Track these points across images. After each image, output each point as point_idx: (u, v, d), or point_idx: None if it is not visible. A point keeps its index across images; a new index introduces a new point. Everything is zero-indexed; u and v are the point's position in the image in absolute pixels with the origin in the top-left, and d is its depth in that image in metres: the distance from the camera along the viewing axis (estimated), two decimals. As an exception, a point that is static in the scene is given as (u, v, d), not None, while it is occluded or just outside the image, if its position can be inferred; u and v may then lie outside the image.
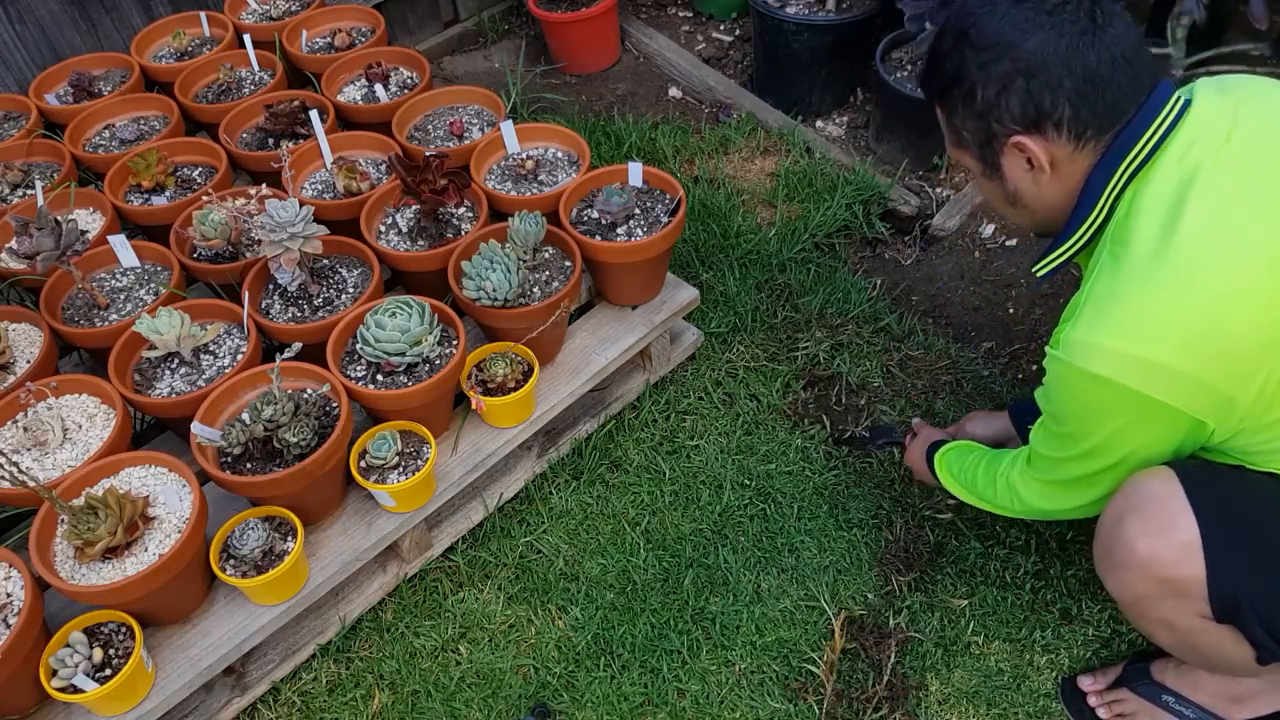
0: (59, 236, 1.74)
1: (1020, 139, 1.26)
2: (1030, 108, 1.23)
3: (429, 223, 1.97)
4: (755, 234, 2.42)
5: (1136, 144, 1.21)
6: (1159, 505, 1.24)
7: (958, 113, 1.31)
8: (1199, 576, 1.21)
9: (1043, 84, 1.21)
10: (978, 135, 1.31)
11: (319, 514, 1.70)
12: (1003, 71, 1.23)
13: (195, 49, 2.53)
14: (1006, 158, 1.30)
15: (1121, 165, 1.22)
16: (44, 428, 1.64)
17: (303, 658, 1.72)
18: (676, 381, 2.13)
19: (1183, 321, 1.14)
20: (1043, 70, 1.20)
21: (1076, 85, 1.20)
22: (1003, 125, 1.26)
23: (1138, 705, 1.54)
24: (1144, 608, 1.30)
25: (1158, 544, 1.23)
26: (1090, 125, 1.23)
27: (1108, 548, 1.31)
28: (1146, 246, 1.17)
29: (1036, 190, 1.32)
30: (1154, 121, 1.21)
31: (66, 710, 1.51)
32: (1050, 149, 1.26)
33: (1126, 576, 1.28)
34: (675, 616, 1.76)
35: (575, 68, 3.05)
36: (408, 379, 1.71)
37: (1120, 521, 1.28)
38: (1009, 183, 1.34)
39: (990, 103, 1.25)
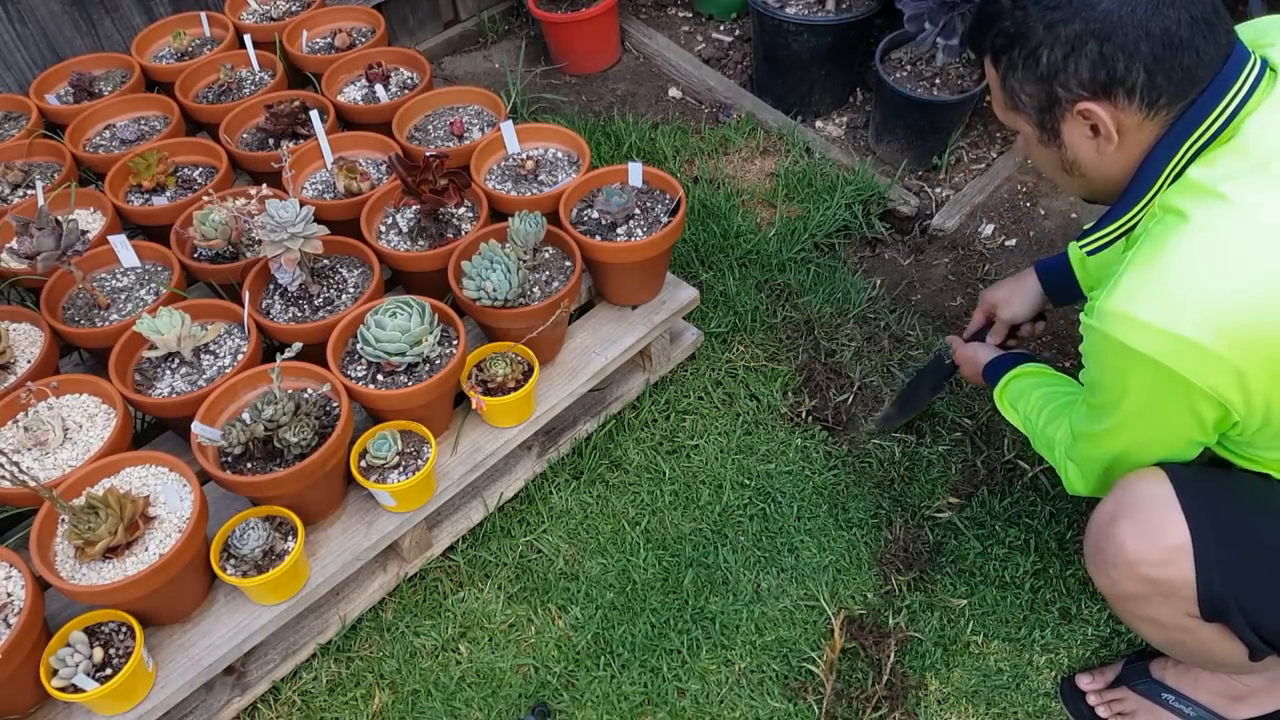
0: (59, 236, 1.75)
1: (1088, 105, 1.16)
2: (1102, 72, 1.13)
3: (429, 223, 1.97)
4: (755, 234, 2.42)
5: (1207, 118, 1.13)
6: (1150, 507, 1.24)
7: (1016, 74, 1.21)
8: (1187, 579, 1.21)
9: (1118, 46, 1.11)
10: (1038, 99, 1.21)
11: (319, 514, 1.70)
12: (1073, 33, 1.13)
13: (196, 49, 2.53)
14: (1068, 124, 1.21)
15: (1188, 141, 1.14)
16: (44, 427, 1.64)
17: (303, 657, 1.73)
18: (676, 381, 2.14)
19: (1233, 308, 1.08)
20: (1119, 32, 1.11)
21: (1154, 49, 1.11)
22: (1069, 90, 1.17)
23: (1137, 704, 1.54)
24: (1131, 605, 1.31)
25: (1146, 545, 1.23)
26: (1165, 93, 1.13)
27: (1098, 546, 1.31)
28: (1204, 219, 1.10)
29: (1098, 159, 1.23)
30: (1227, 93, 1.12)
31: (67, 710, 1.52)
32: (1119, 116, 1.16)
33: (1114, 575, 1.28)
34: (675, 616, 1.76)
35: (575, 68, 3.05)
36: (408, 379, 1.71)
37: (1112, 521, 1.27)
38: (1068, 150, 1.24)
39: (1057, 66, 1.16)
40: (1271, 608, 1.21)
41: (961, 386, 2.06)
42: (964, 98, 2.41)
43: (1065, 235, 2.36)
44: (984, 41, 1.24)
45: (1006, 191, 2.48)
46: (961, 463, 1.94)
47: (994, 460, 1.93)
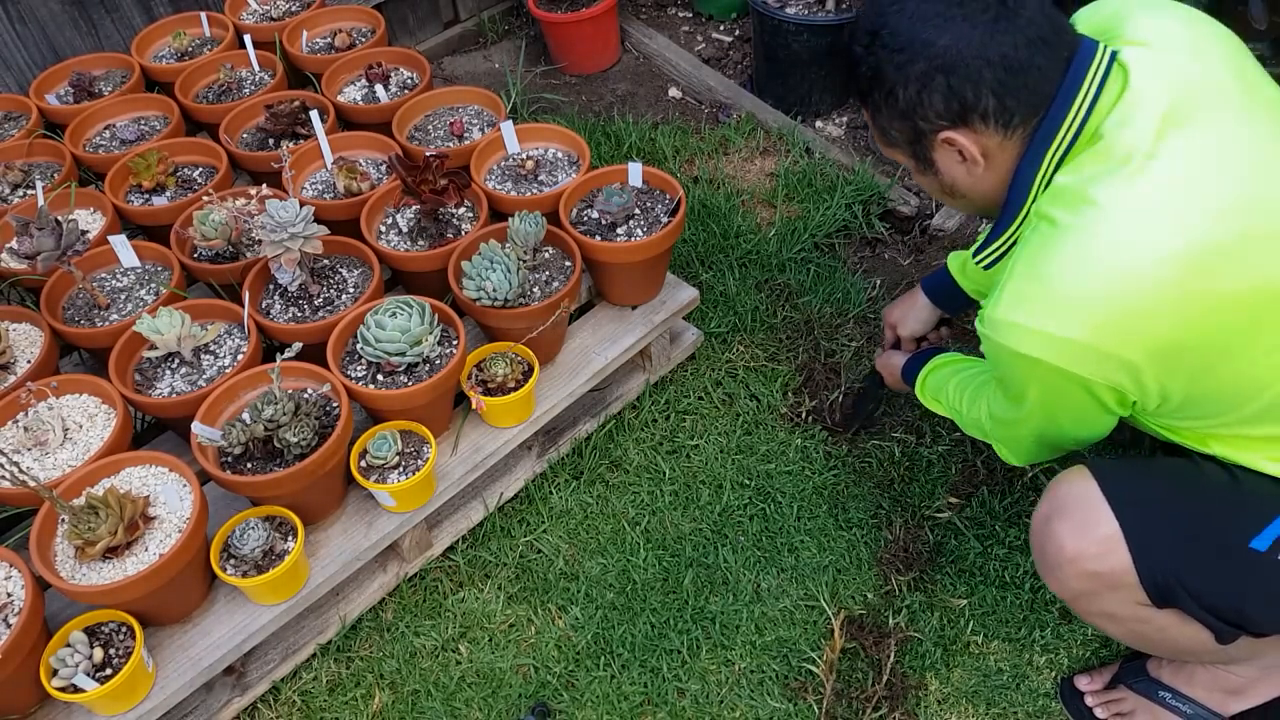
0: (59, 236, 1.75)
1: (949, 134, 1.25)
2: (954, 103, 1.21)
3: (429, 223, 1.97)
4: (755, 234, 2.42)
5: (1061, 127, 1.19)
6: (1080, 503, 1.27)
7: (882, 114, 1.30)
8: (1126, 566, 1.24)
9: (963, 78, 1.19)
10: (906, 134, 1.29)
11: (319, 514, 1.70)
12: (920, 71, 1.21)
13: (196, 49, 2.53)
14: (938, 152, 1.29)
15: (1049, 150, 1.21)
16: (44, 427, 1.64)
17: (303, 657, 1.73)
18: (676, 381, 2.14)
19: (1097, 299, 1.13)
20: (960, 65, 1.18)
21: (997, 75, 1.18)
22: (929, 123, 1.25)
23: (1135, 702, 1.55)
24: (1085, 603, 1.33)
25: (1082, 541, 1.26)
26: (1016, 113, 1.21)
27: (1041, 549, 1.34)
28: (1066, 217, 1.16)
29: (972, 180, 1.31)
30: (1075, 99, 1.18)
31: (67, 710, 1.52)
32: (980, 140, 1.24)
33: (1060, 575, 1.31)
34: (675, 616, 1.76)
35: (575, 68, 3.05)
36: (408, 379, 1.71)
37: (1048, 522, 1.31)
38: (944, 176, 1.33)
39: (913, 102, 1.24)
40: (1215, 584, 1.23)
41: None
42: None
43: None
44: (850, 87, 1.35)
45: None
46: (961, 463, 1.94)
47: (994, 460, 1.93)
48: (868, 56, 1.26)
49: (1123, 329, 1.13)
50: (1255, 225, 1.13)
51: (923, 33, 1.20)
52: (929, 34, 1.19)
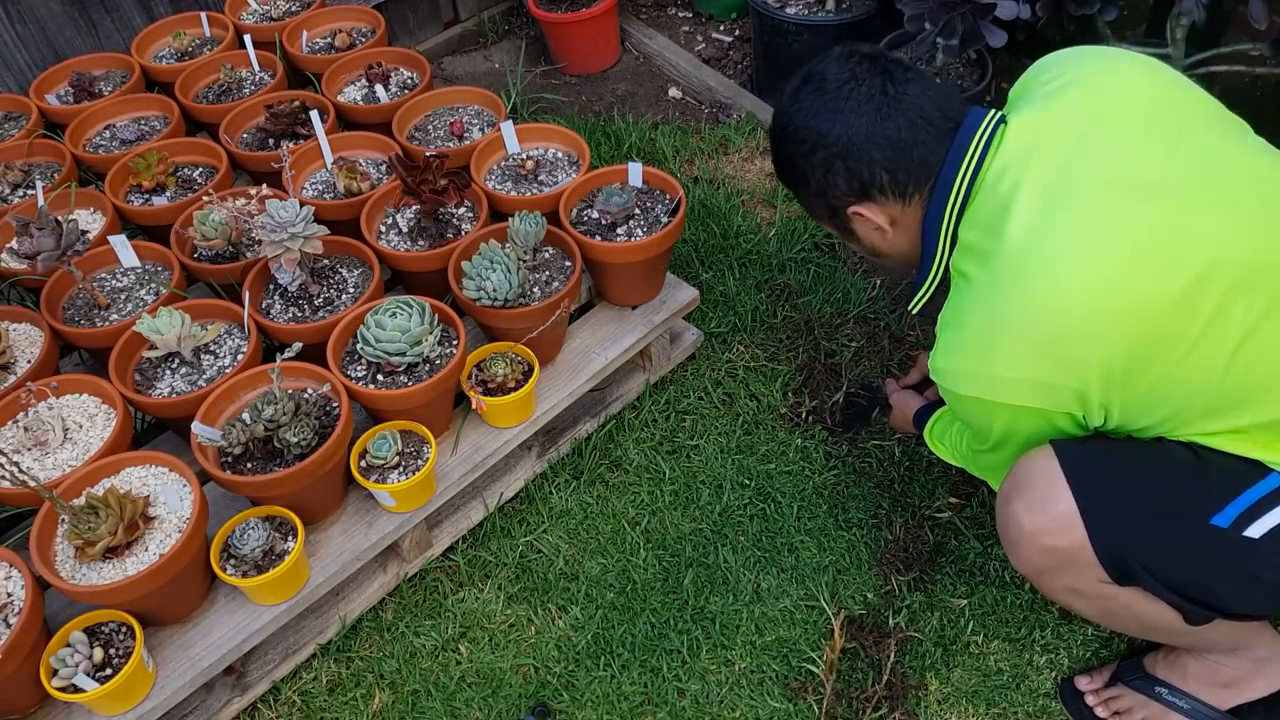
0: (59, 236, 1.75)
1: (856, 208, 1.40)
2: (855, 181, 1.36)
3: (429, 223, 1.97)
4: (755, 234, 2.42)
5: (951, 188, 1.32)
6: (1038, 480, 1.31)
7: (803, 196, 1.47)
8: (1081, 542, 1.28)
9: (857, 161, 1.34)
10: (824, 210, 1.45)
11: (319, 514, 1.70)
12: (821, 158, 1.36)
13: (195, 49, 2.53)
14: (854, 223, 1.44)
15: (946, 208, 1.33)
16: (44, 428, 1.64)
17: (303, 657, 1.73)
18: (676, 381, 2.14)
19: (1022, 338, 1.22)
20: (852, 150, 1.34)
21: (885, 155, 1.33)
22: (839, 200, 1.40)
23: (1133, 700, 1.55)
24: (1047, 580, 1.38)
25: (1039, 518, 1.31)
26: (909, 183, 1.35)
27: (1002, 527, 1.38)
28: (980, 272, 1.28)
29: (888, 243, 1.45)
30: (962, 162, 1.30)
31: (67, 710, 1.52)
32: (884, 210, 1.39)
33: (1020, 551, 1.36)
34: (675, 616, 1.76)
35: (575, 68, 3.05)
36: (408, 379, 1.71)
37: (1008, 500, 1.36)
38: (865, 241, 1.48)
39: (821, 184, 1.40)
40: (1174, 561, 1.26)
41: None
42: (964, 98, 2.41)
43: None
44: (777, 173, 1.51)
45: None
46: (961, 463, 1.94)
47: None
48: (781, 148, 1.43)
49: (1046, 357, 1.21)
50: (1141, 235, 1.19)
51: (819, 125, 1.35)
52: (823, 125, 1.35)
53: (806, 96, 1.37)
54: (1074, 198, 1.21)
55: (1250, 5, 1.95)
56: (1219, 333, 1.17)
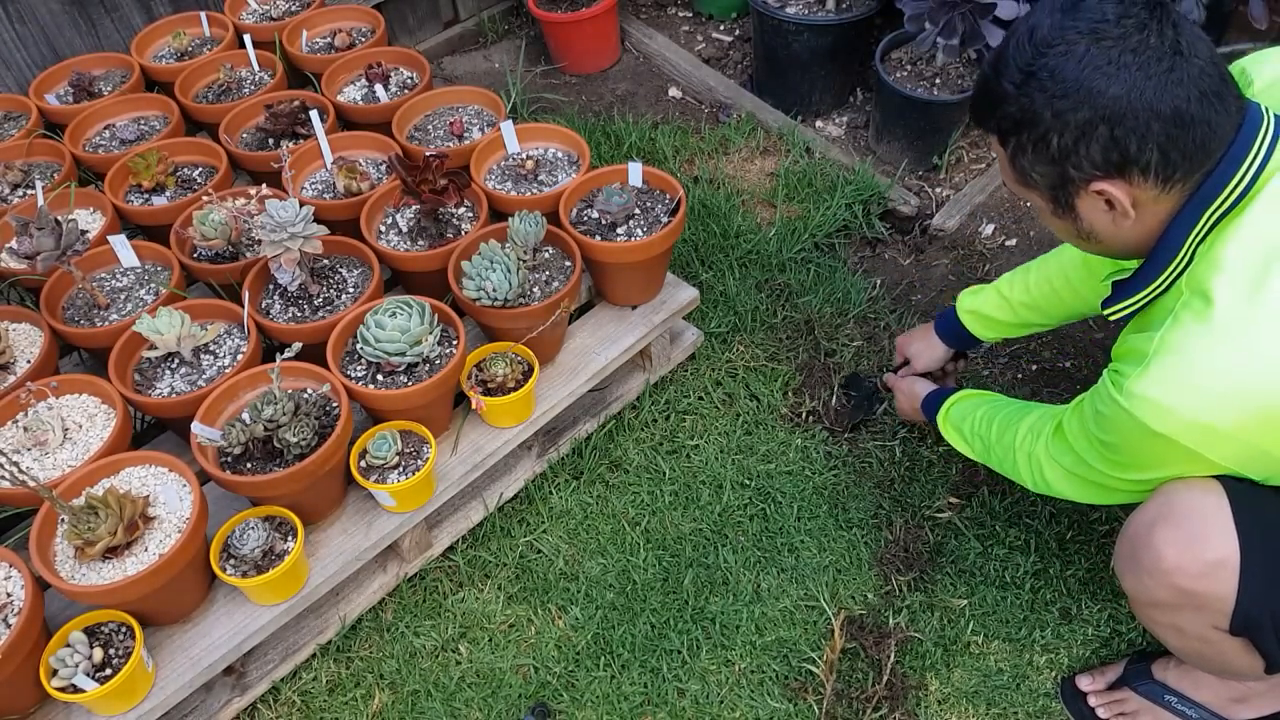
0: (59, 236, 1.75)
1: (1102, 185, 1.17)
2: (1114, 154, 1.14)
3: (429, 223, 1.97)
4: (755, 234, 2.42)
5: (1225, 189, 1.13)
6: (1196, 517, 1.21)
7: (1025, 155, 1.21)
8: (1224, 594, 1.19)
9: (1129, 130, 1.11)
10: (1050, 178, 1.21)
11: (319, 514, 1.70)
12: (1083, 119, 1.13)
13: (195, 49, 2.53)
14: (1083, 200, 1.21)
15: (1207, 212, 1.14)
16: (44, 428, 1.64)
17: (303, 657, 1.73)
18: (676, 381, 2.14)
19: (1253, 394, 1.09)
20: (1129, 116, 1.10)
21: (1165, 128, 1.11)
22: (1082, 171, 1.17)
23: (1139, 705, 1.54)
24: (1157, 613, 1.30)
25: (1187, 557, 1.20)
26: (1179, 168, 1.13)
27: (1134, 550, 1.28)
28: (1227, 306, 1.10)
29: (1114, 230, 1.23)
30: (1243, 162, 1.12)
31: (66, 710, 1.51)
32: (1134, 192, 1.17)
33: (1148, 582, 1.26)
34: (675, 616, 1.76)
35: (575, 68, 3.05)
36: (408, 379, 1.71)
37: (1152, 526, 1.25)
38: (1084, 222, 1.25)
39: (1068, 150, 1.16)
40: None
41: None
42: (964, 98, 2.41)
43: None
44: (989, 121, 1.24)
45: (1007, 191, 2.48)
46: (962, 463, 1.94)
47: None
48: (1019, 97, 1.17)
49: (1271, 423, 1.10)
50: None
51: (1092, 80, 1.11)
52: (1099, 82, 1.11)
53: (1078, 37, 1.11)
54: None
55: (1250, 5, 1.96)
56: None
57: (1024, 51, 1.16)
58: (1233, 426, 1.11)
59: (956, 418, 1.64)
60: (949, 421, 1.66)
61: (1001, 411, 1.57)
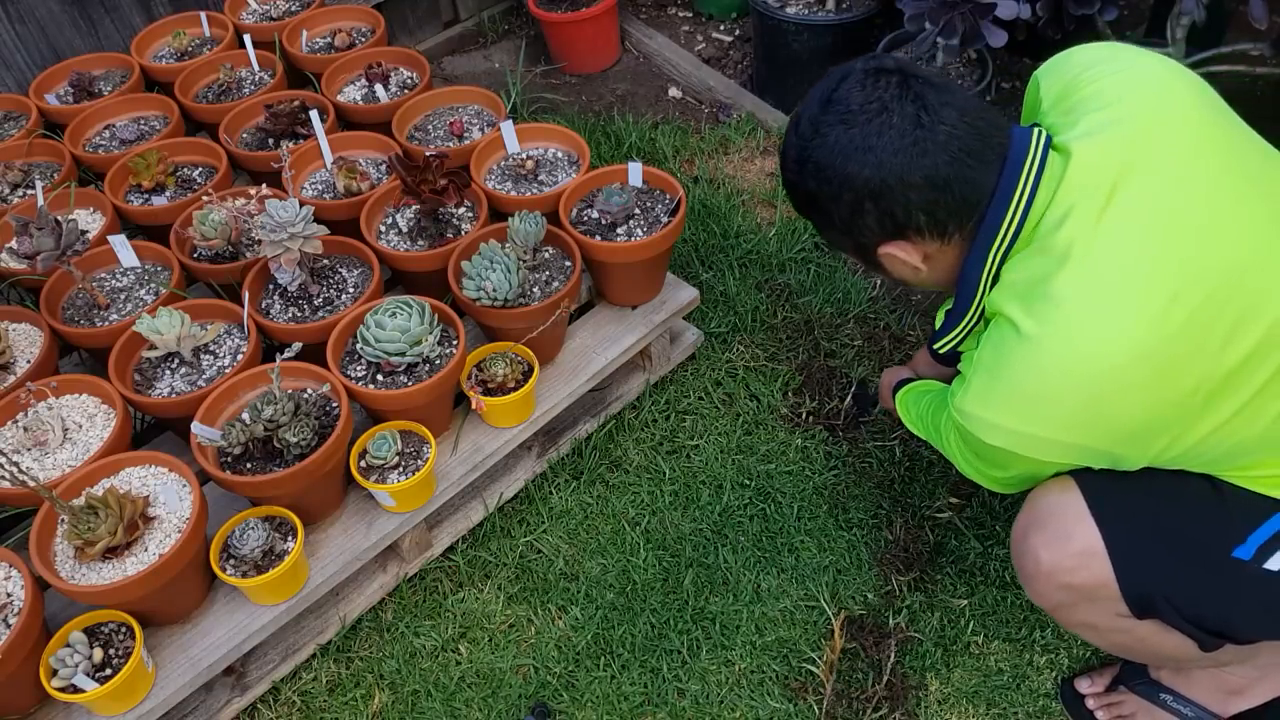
0: (59, 236, 1.75)
1: (887, 249, 1.28)
2: (887, 222, 1.24)
3: (429, 223, 1.97)
4: (755, 234, 2.42)
5: (999, 229, 1.20)
6: (1057, 516, 1.27)
7: (823, 228, 1.35)
8: (1103, 580, 1.24)
9: (892, 202, 1.22)
10: (848, 245, 1.34)
11: (319, 514, 1.70)
12: (850, 199, 1.24)
13: (195, 49, 2.53)
14: (882, 258, 1.32)
15: (990, 251, 1.23)
16: (44, 427, 1.64)
17: (303, 657, 1.73)
18: (676, 381, 2.13)
19: (1058, 401, 1.15)
20: (885, 191, 1.21)
21: (923, 194, 1.20)
22: (867, 239, 1.29)
23: (1136, 705, 1.54)
24: (1064, 614, 1.34)
25: (1057, 554, 1.26)
26: (949, 223, 1.23)
27: (1018, 559, 1.34)
28: (1025, 321, 1.16)
29: (921, 278, 1.35)
30: (1011, 200, 1.19)
31: (66, 710, 1.51)
32: (920, 247, 1.28)
33: (1037, 587, 1.32)
34: (675, 616, 1.76)
35: (575, 68, 3.05)
36: (408, 379, 1.71)
37: (1025, 535, 1.31)
38: (894, 275, 1.37)
39: (848, 223, 1.27)
40: (1198, 595, 1.23)
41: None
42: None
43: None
44: (792, 201, 1.37)
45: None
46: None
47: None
48: (799, 183, 1.30)
49: (1085, 423, 1.16)
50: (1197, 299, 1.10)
51: (846, 165, 1.22)
52: (852, 166, 1.21)
53: (829, 128, 1.23)
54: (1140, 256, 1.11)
55: (1251, 5, 1.95)
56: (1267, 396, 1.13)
57: (793, 143, 1.29)
58: (1051, 430, 1.17)
59: (908, 402, 1.68)
60: (904, 408, 1.70)
61: (939, 399, 1.59)
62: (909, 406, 1.68)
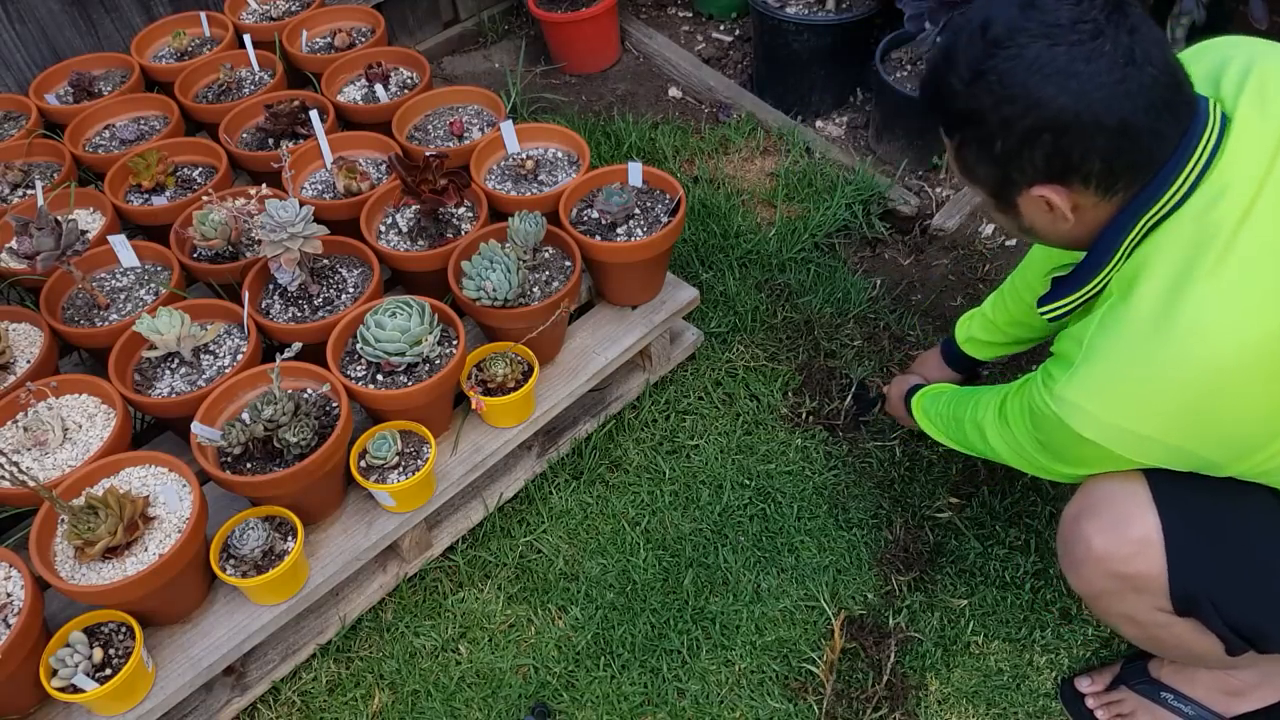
0: (59, 236, 1.74)
1: (1043, 190, 1.15)
2: (1057, 162, 1.11)
3: (429, 223, 1.97)
4: (755, 234, 2.42)
5: (1162, 197, 1.11)
6: (1116, 502, 1.25)
7: (970, 151, 1.20)
8: (1156, 572, 1.22)
9: (1073, 140, 1.09)
10: (992, 177, 1.20)
11: (319, 514, 1.70)
12: (1028, 126, 1.10)
13: (195, 49, 2.53)
14: (1023, 199, 1.20)
15: (1143, 219, 1.13)
16: (44, 427, 1.64)
17: (303, 657, 1.73)
18: (676, 381, 2.13)
19: (1175, 399, 1.09)
20: (1075, 127, 1.07)
21: (1110, 141, 1.08)
22: (1023, 175, 1.15)
23: (1136, 704, 1.54)
24: (1105, 602, 1.32)
25: (1112, 540, 1.24)
26: (1121, 178, 1.12)
27: (1067, 544, 1.32)
28: (1150, 311, 1.10)
29: (1054, 229, 1.23)
30: (1183, 170, 1.09)
31: (66, 710, 1.51)
32: (1074, 198, 1.15)
33: (1084, 572, 1.30)
34: (675, 616, 1.76)
35: (575, 68, 3.05)
36: (408, 379, 1.71)
37: (1078, 519, 1.29)
38: (1024, 220, 1.24)
39: (1011, 154, 1.14)
40: (1243, 602, 1.22)
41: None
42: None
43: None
44: (935, 113, 1.22)
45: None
46: (962, 463, 1.94)
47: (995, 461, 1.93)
48: (967, 95, 1.13)
49: (1196, 426, 1.11)
50: None
51: (1041, 87, 1.07)
52: (1047, 89, 1.07)
53: (1029, 40, 1.07)
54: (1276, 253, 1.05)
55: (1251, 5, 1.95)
56: None
57: (975, 48, 1.11)
58: (1155, 430, 1.13)
59: (926, 404, 1.68)
60: (920, 411, 1.69)
61: (958, 395, 1.61)
62: (926, 409, 1.67)
